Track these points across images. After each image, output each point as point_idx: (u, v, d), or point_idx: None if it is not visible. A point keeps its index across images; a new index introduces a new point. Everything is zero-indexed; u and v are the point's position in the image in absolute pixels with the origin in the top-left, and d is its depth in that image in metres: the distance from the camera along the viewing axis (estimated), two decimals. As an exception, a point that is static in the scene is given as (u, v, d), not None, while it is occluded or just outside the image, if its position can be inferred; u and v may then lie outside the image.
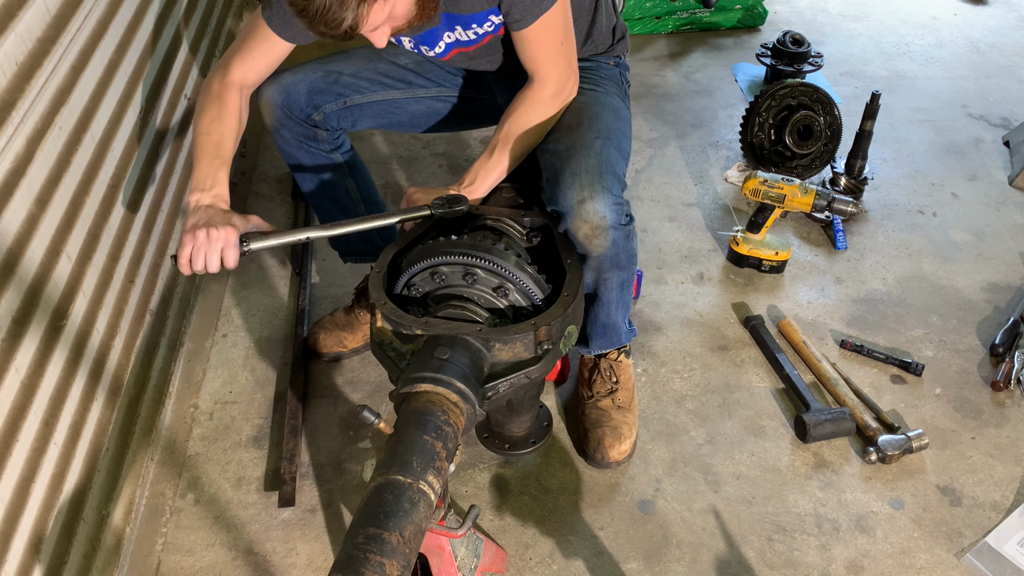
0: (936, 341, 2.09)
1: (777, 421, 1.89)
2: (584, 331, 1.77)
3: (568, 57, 1.60)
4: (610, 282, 1.63)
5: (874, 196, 2.56)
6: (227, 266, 1.44)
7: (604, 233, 1.51)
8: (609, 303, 1.70)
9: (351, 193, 1.88)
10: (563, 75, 1.60)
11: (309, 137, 1.74)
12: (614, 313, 1.73)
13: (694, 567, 1.61)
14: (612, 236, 1.52)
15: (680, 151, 2.77)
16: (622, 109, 1.71)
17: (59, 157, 1.43)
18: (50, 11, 1.44)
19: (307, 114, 1.70)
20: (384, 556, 1.01)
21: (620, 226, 1.53)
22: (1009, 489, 1.75)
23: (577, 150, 1.54)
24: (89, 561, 1.43)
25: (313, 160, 1.79)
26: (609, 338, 1.79)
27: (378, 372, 1.99)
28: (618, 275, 1.63)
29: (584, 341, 1.80)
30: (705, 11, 3.42)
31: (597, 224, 1.50)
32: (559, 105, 1.62)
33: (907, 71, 3.23)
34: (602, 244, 1.52)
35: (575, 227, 1.51)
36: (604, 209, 1.49)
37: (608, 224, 1.50)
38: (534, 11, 1.50)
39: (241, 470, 1.79)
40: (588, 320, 1.74)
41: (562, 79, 1.60)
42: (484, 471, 1.78)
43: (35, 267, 1.33)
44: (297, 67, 1.71)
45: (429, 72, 1.80)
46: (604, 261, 1.57)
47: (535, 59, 1.57)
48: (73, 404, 1.43)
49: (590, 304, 1.70)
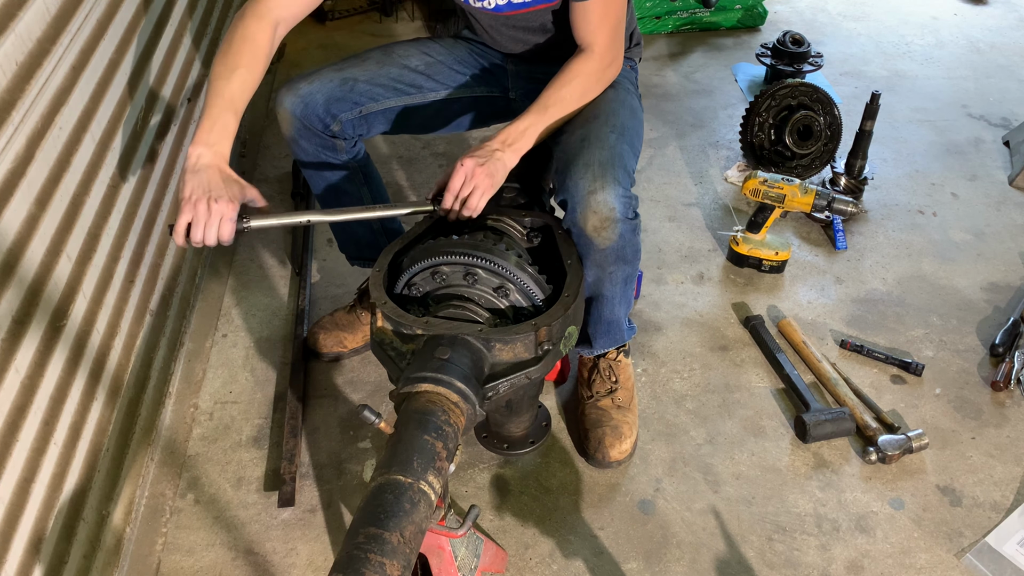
0: (936, 341, 2.09)
1: (777, 421, 1.89)
2: (586, 331, 1.77)
3: (619, 38, 1.63)
4: (615, 276, 1.63)
5: (874, 196, 2.56)
6: (222, 240, 1.40)
7: (612, 225, 1.51)
8: (612, 298, 1.69)
9: (365, 202, 1.87)
10: (612, 52, 1.62)
11: (328, 147, 1.73)
12: (617, 309, 1.72)
13: (694, 567, 1.61)
14: (620, 229, 1.52)
15: (680, 151, 2.77)
16: (638, 110, 1.74)
17: (59, 157, 1.43)
18: (50, 11, 1.44)
19: (325, 124, 1.69)
20: (384, 556, 1.01)
21: (628, 219, 1.54)
22: (1009, 489, 1.75)
23: (591, 142, 1.55)
24: (89, 561, 1.43)
25: (330, 169, 1.78)
26: (612, 336, 1.79)
27: (378, 372, 1.99)
28: (623, 269, 1.63)
29: (587, 341, 1.80)
30: (705, 11, 3.41)
31: (606, 215, 1.50)
32: (602, 84, 1.64)
33: (907, 71, 3.23)
34: (609, 236, 1.52)
35: (583, 218, 1.51)
36: (614, 200, 1.50)
37: (616, 216, 1.51)
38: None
39: (241, 470, 1.79)
40: (590, 319, 1.74)
41: (609, 56, 1.61)
42: (484, 471, 1.78)
43: (35, 267, 1.33)
44: (312, 75, 1.69)
45: (439, 74, 1.80)
46: (610, 254, 1.57)
47: (593, 30, 1.59)
48: (73, 404, 1.43)
49: (592, 302, 1.70)
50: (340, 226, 1.97)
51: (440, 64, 1.80)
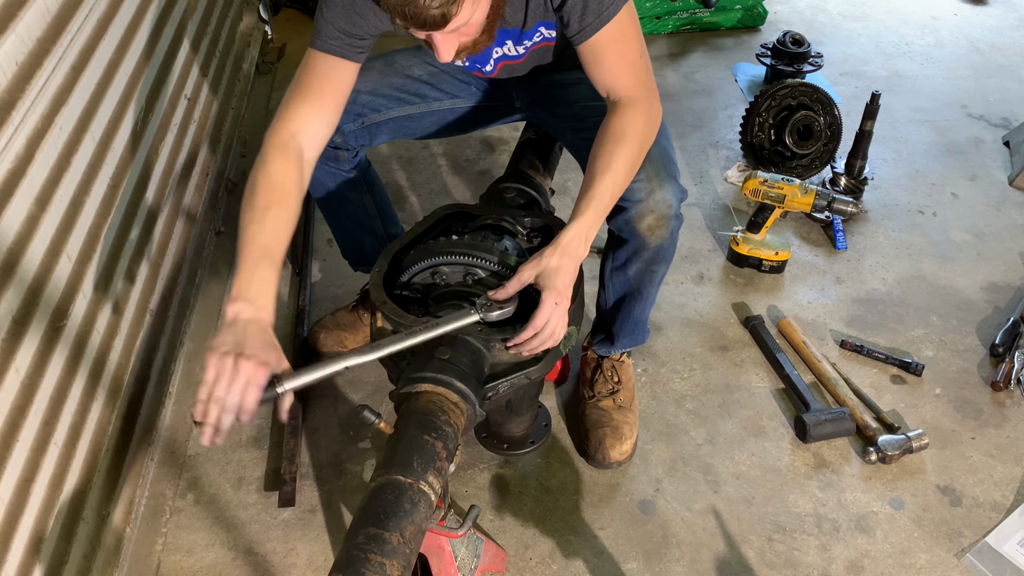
0: (936, 341, 2.09)
1: (777, 421, 1.89)
2: (609, 329, 1.76)
3: (645, 73, 1.42)
4: (656, 275, 1.63)
5: (874, 196, 2.56)
6: (244, 408, 1.15)
7: (667, 223, 1.51)
8: (647, 298, 1.69)
9: (368, 210, 1.86)
10: (643, 90, 1.41)
11: (331, 159, 1.71)
12: (647, 308, 1.73)
13: (694, 567, 1.61)
14: (672, 226, 1.52)
15: (680, 151, 2.77)
16: None
17: (59, 157, 1.43)
18: (50, 11, 1.44)
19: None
20: (384, 556, 1.01)
21: (679, 216, 1.54)
22: (1009, 489, 1.75)
23: None
24: (89, 561, 1.43)
25: (333, 180, 1.77)
26: (636, 336, 1.79)
27: (378, 372, 1.99)
28: (663, 268, 1.63)
29: (608, 340, 1.80)
30: (705, 11, 3.41)
31: (663, 213, 1.49)
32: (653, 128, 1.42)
33: (907, 71, 3.23)
34: (662, 234, 1.52)
35: (639, 217, 1.49)
36: (672, 198, 1.49)
37: (673, 213, 1.50)
38: (596, 22, 1.35)
39: (241, 470, 1.79)
40: (620, 316, 1.73)
41: (640, 96, 1.40)
42: (484, 471, 1.78)
43: (35, 267, 1.33)
44: None
45: (443, 84, 1.76)
46: (659, 252, 1.56)
47: (615, 74, 1.40)
48: (73, 404, 1.43)
49: (626, 300, 1.70)
50: (343, 232, 1.94)
51: (443, 73, 1.76)
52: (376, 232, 1.92)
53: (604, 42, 1.38)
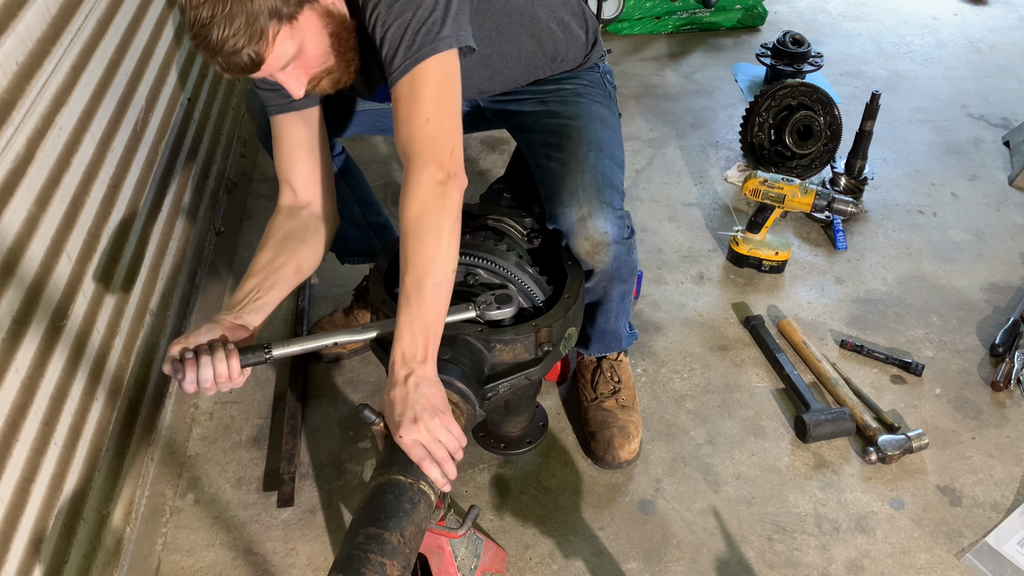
0: (936, 341, 2.09)
1: (777, 421, 1.89)
2: (584, 332, 1.77)
3: (443, 136, 1.25)
4: (611, 293, 1.64)
5: (874, 196, 2.56)
6: (232, 375, 1.25)
7: (606, 249, 1.50)
8: (609, 312, 1.70)
9: (344, 196, 1.84)
10: (436, 158, 1.23)
11: None
12: (614, 321, 1.73)
13: (694, 567, 1.61)
14: (614, 251, 1.52)
15: (680, 151, 2.77)
16: (608, 116, 1.63)
17: (59, 157, 1.43)
18: (50, 11, 1.44)
19: None
20: (384, 556, 1.01)
21: (622, 240, 1.52)
22: (1009, 489, 1.75)
23: (571, 167, 1.49)
24: (89, 561, 1.43)
25: None
26: (608, 343, 1.79)
27: (378, 372, 1.99)
28: (619, 287, 1.63)
29: (584, 343, 1.80)
30: (705, 11, 3.42)
31: (599, 241, 1.49)
32: (447, 210, 1.23)
33: (907, 71, 3.23)
34: (604, 260, 1.52)
35: (576, 244, 1.50)
36: (605, 225, 1.48)
37: (610, 240, 1.49)
38: (406, 63, 1.23)
39: (241, 470, 1.78)
40: (589, 324, 1.74)
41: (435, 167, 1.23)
42: (484, 471, 1.78)
43: (35, 267, 1.33)
44: None
45: None
46: (605, 275, 1.57)
47: (409, 127, 1.24)
48: (73, 404, 1.43)
49: (592, 309, 1.70)
50: None
51: None
52: (356, 220, 1.90)
53: (405, 88, 1.24)
